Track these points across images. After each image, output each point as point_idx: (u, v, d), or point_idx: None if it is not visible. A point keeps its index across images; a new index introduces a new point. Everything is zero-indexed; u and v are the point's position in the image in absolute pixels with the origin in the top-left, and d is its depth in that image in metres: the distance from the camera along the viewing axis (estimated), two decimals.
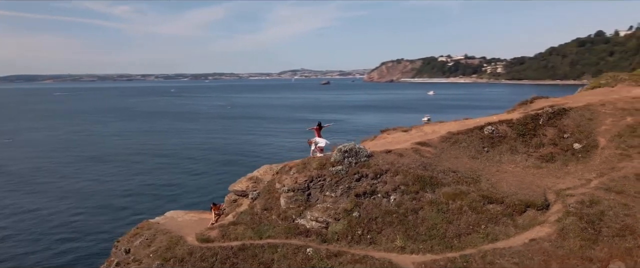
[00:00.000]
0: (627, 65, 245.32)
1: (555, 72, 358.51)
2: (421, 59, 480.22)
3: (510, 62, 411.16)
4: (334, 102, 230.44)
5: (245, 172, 71.84)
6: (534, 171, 18.64)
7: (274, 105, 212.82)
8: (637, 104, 21.01)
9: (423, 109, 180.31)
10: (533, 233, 15.17)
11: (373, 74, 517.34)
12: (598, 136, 19.61)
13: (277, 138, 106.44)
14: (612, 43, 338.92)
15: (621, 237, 14.25)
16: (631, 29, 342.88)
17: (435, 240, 16.18)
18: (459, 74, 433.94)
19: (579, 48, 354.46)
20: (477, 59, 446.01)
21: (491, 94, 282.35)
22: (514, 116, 22.06)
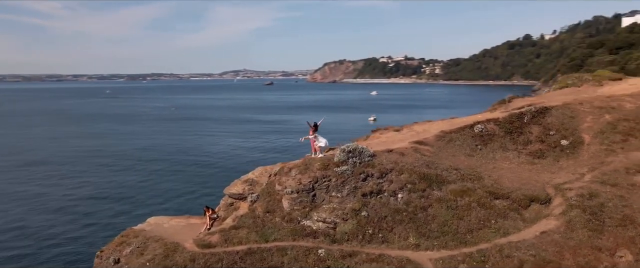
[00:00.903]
0: (552, 67, 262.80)
1: (489, 72, 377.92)
2: (363, 60, 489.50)
3: (447, 63, 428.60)
4: (280, 103, 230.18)
5: (209, 175, 70.94)
6: (529, 167, 19.63)
7: (219, 107, 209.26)
8: (613, 103, 22.68)
9: (368, 109, 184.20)
10: (542, 226, 15.97)
11: (316, 74, 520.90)
12: (582, 133, 20.99)
13: (231, 139, 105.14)
14: (539, 46, 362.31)
15: (623, 227, 15.32)
16: (555, 33, 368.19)
17: (448, 236, 16.62)
18: (400, 74, 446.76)
19: (510, 50, 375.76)
20: (416, 60, 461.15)
21: (431, 93, 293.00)
22: (500, 115, 23.07)
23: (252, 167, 75.42)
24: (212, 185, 59.97)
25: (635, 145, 19.80)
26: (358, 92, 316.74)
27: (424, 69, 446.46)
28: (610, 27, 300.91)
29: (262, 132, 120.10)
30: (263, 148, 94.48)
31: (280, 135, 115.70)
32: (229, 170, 70.49)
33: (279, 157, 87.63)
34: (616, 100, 22.93)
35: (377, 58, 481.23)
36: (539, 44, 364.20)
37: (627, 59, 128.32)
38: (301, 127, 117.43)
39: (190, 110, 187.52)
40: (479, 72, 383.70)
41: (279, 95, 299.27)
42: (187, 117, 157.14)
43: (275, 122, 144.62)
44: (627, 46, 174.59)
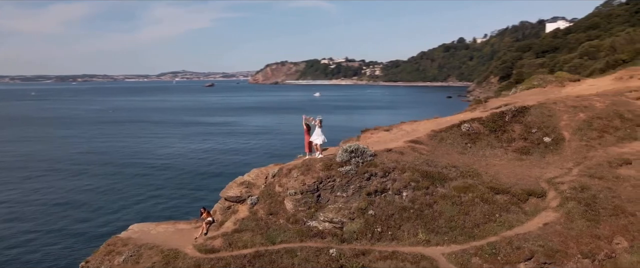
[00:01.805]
0: (485, 69, 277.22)
1: (426, 74, 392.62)
2: (305, 62, 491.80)
3: (386, 65, 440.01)
4: (224, 104, 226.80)
5: (170, 178, 68.78)
6: (518, 163, 20.77)
7: (161, 109, 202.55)
8: (584, 102, 24.45)
9: (313, 110, 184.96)
10: (543, 219, 16.99)
11: (258, 75, 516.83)
12: (562, 130, 22.49)
13: (182, 141, 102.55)
14: (472, 49, 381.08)
15: (616, 216, 16.63)
16: (486, 36, 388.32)
17: (456, 231, 17.25)
18: (341, 76, 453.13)
19: (445, 53, 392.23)
20: (357, 61, 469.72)
21: (373, 94, 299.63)
22: (482, 114, 24.20)
23: (212, 169, 75.29)
24: (179, 188, 58.79)
25: (611, 141, 21.53)
26: (301, 93, 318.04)
27: (365, 70, 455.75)
28: (535, 31, 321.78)
29: (211, 134, 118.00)
30: (217, 150, 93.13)
31: (231, 137, 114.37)
32: (189, 173, 69.14)
33: (236, 158, 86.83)
34: (586, 99, 24.78)
35: (319, 60, 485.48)
36: (471, 47, 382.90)
37: (555, 62, 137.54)
38: (249, 128, 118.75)
39: (131, 113, 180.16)
40: (417, 74, 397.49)
41: (221, 96, 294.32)
42: (128, 120, 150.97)
43: (222, 124, 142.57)
44: (552, 50, 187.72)
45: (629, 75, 29.33)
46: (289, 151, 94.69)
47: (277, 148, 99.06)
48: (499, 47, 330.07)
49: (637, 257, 15.62)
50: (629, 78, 28.78)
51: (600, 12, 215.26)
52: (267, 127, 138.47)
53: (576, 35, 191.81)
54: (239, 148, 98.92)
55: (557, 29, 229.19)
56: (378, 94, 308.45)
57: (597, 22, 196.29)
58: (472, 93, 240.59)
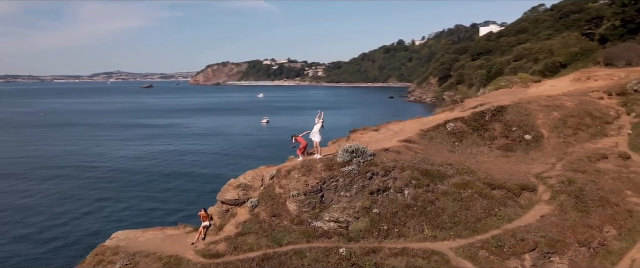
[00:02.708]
0: (424, 71, 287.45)
1: (367, 75, 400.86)
2: (247, 62, 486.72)
3: (329, 66, 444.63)
4: (165, 106, 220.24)
5: (128, 182, 66.24)
6: (505, 160, 21.94)
7: (97, 111, 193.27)
8: (556, 102, 26.19)
9: (258, 111, 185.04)
10: (538, 211, 18.11)
11: (198, 76, 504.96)
12: (540, 128, 23.98)
13: (126, 145, 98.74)
14: (411, 50, 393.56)
15: (603, 207, 18.05)
16: (423, 39, 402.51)
17: (460, 226, 17.98)
18: (284, 77, 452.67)
19: (385, 54, 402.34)
20: (299, 62, 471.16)
21: (316, 95, 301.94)
22: (463, 114, 25.31)
23: (167, 171, 73.18)
24: (140, 193, 57.04)
25: (584, 137, 23.28)
26: (244, 94, 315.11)
27: (307, 71, 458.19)
28: (469, 34, 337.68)
29: (156, 137, 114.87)
30: (168, 153, 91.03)
31: (177, 139, 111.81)
32: (142, 176, 67.29)
33: (187, 159, 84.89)
34: (557, 99, 26.59)
35: (261, 60, 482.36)
36: (410, 49, 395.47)
37: (492, 64, 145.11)
38: (196, 130, 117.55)
39: (64, 116, 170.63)
40: (359, 75, 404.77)
41: (161, 98, 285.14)
42: (63, 123, 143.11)
43: (168, 126, 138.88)
44: (486, 52, 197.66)
45: (585, 76, 31.78)
46: (242, 152, 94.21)
47: (230, 149, 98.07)
48: (436, 49, 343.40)
49: (625, 243, 17.06)
50: (586, 79, 31.20)
51: (528, 17, 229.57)
52: (215, 128, 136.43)
53: (508, 38, 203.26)
54: (188, 149, 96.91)
55: (490, 33, 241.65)
56: (322, 94, 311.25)
57: (526, 26, 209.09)
58: (412, 93, 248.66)
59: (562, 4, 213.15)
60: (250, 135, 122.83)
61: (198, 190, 62.96)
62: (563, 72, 38.37)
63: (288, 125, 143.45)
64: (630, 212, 17.92)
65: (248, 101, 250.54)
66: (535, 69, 75.91)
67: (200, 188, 63.40)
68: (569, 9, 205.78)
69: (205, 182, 67.18)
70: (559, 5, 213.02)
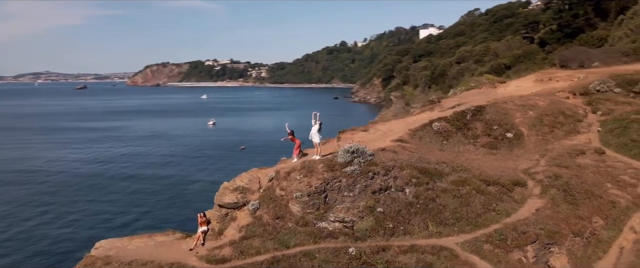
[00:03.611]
0: (367, 72, 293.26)
1: (311, 76, 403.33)
2: (188, 63, 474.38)
3: (272, 66, 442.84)
4: (104, 108, 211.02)
5: (73, 187, 63.42)
6: (492, 157, 22.94)
7: (30, 115, 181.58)
8: (529, 101, 27.68)
9: (203, 113, 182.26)
10: (532, 205, 19.13)
11: (136, 77, 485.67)
12: (519, 126, 25.26)
13: (67, 150, 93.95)
14: (353, 52, 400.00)
15: (589, 199, 19.35)
16: (366, 40, 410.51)
17: (462, 222, 18.64)
18: (227, 77, 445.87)
19: (329, 55, 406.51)
20: (242, 63, 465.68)
21: (261, 96, 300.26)
22: (446, 113, 26.20)
23: (120, 176, 71.08)
24: (96, 198, 54.85)
25: (560, 134, 24.81)
26: (187, 95, 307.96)
27: (250, 72, 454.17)
28: (409, 36, 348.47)
29: (98, 140, 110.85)
30: (114, 156, 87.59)
31: (122, 142, 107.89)
32: (99, 180, 64.87)
33: (137, 163, 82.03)
34: (530, 99, 28.13)
35: (203, 61, 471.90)
36: (353, 50, 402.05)
37: (436, 65, 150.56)
38: (140, 133, 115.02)
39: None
40: (303, 76, 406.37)
41: (98, 100, 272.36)
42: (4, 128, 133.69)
43: (108, 129, 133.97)
44: (427, 54, 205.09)
45: (547, 77, 33.86)
46: (193, 154, 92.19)
47: (180, 152, 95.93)
48: (379, 51, 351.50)
49: (613, 232, 18.41)
50: (548, 80, 33.25)
51: (465, 21, 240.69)
52: (161, 131, 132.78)
53: (447, 41, 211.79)
54: (139, 153, 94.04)
55: (430, 35, 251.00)
56: (266, 95, 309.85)
57: (463, 29, 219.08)
58: (356, 94, 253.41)
59: (496, 8, 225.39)
60: (198, 137, 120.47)
61: (157, 194, 61.17)
62: (523, 73, 40.67)
63: (235, 126, 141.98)
64: (613, 203, 19.36)
65: (192, 103, 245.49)
66: (482, 71, 79.80)
67: (160, 192, 61.79)
68: (502, 13, 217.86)
69: (163, 186, 65.51)
70: (493, 10, 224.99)
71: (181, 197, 60.26)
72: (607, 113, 25.78)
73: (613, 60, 36.25)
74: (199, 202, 58.11)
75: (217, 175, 73.04)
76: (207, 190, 64.13)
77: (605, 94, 27.59)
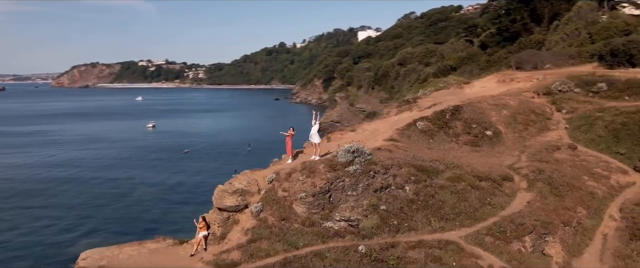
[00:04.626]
0: (307, 73, 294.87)
1: (250, 77, 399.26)
2: (120, 63, 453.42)
3: (210, 67, 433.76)
4: (29, 111, 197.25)
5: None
6: (477, 154, 24.04)
7: None
8: (502, 101, 29.24)
9: (141, 115, 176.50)
10: (523, 198, 20.33)
11: (62, 78, 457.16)
12: (496, 125, 26.65)
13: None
14: (292, 53, 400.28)
15: (571, 191, 20.86)
16: (304, 42, 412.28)
17: (461, 216, 19.45)
18: (162, 79, 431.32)
19: (267, 56, 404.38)
20: (178, 64, 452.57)
21: (199, 98, 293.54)
22: (427, 113, 27.15)
23: (61, 182, 67.27)
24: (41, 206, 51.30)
25: (534, 132, 26.47)
26: (120, 97, 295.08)
27: (187, 73, 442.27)
28: (347, 38, 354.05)
29: (27, 146, 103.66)
30: (50, 163, 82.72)
31: (55, 147, 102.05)
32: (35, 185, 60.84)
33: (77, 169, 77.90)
34: (501, 99, 29.73)
35: (136, 61, 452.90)
36: (292, 51, 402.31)
37: (379, 67, 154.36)
38: (74, 137, 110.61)
39: None
40: (242, 77, 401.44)
41: (22, 102, 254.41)
42: None
43: (37, 133, 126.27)
44: (366, 55, 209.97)
45: (509, 78, 35.95)
46: (136, 157, 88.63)
47: (122, 156, 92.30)
48: (318, 52, 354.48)
49: (595, 221, 19.99)
50: (510, 81, 35.32)
51: (402, 24, 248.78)
52: (97, 134, 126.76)
53: (385, 42, 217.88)
54: (77, 158, 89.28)
55: (369, 37, 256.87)
56: (205, 96, 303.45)
57: (400, 32, 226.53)
58: (297, 95, 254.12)
59: (431, 12, 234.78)
60: (138, 141, 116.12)
61: (107, 201, 58.53)
62: (483, 74, 42.88)
63: (176, 129, 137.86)
64: (592, 194, 21.01)
65: (127, 105, 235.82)
66: (429, 72, 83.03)
67: (110, 199, 59.18)
68: (437, 17, 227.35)
69: (111, 192, 62.79)
70: (428, 14, 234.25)
71: (134, 202, 58.01)
72: (571, 111, 27.90)
73: (561, 62, 39.16)
74: (154, 208, 56.18)
75: (166, 180, 70.82)
76: (158, 195, 62.07)
77: (566, 94, 29.83)
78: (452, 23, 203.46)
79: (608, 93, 28.42)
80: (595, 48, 40.73)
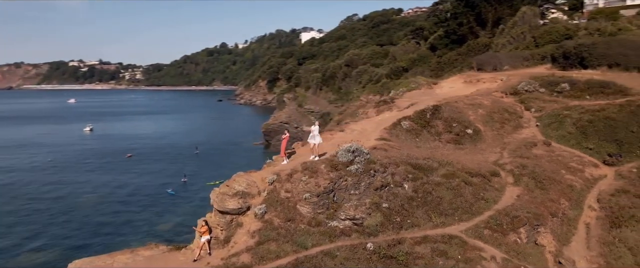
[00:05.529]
0: (251, 74, 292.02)
1: (191, 78, 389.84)
2: (48, 64, 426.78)
3: (148, 68, 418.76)
4: None
5: None
6: (462, 152, 24.99)
7: None
8: (476, 101, 30.51)
9: (75, 119, 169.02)
10: (512, 192, 21.43)
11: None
12: (475, 123, 27.80)
13: None
14: (234, 54, 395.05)
15: (553, 184, 22.23)
16: (246, 42, 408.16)
17: (458, 211, 20.21)
18: (96, 80, 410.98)
19: (209, 57, 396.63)
20: (113, 64, 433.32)
21: (138, 100, 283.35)
22: (409, 113, 27.89)
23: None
24: None
25: (509, 129, 27.90)
26: (50, 100, 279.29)
27: (123, 74, 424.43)
28: (290, 39, 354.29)
29: None
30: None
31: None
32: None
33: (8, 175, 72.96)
34: (475, 99, 31.03)
35: (66, 61, 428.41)
36: (234, 52, 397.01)
37: (327, 68, 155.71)
38: (3, 142, 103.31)
39: None
40: (182, 78, 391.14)
41: None
42: None
43: None
44: (311, 56, 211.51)
45: (475, 79, 37.59)
46: (73, 164, 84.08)
47: (59, 163, 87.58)
48: (260, 53, 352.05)
49: (577, 211, 21.45)
50: (477, 82, 36.95)
51: (345, 26, 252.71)
52: (29, 139, 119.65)
53: (329, 44, 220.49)
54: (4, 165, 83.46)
55: (313, 38, 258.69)
56: (144, 98, 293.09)
57: (344, 33, 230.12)
58: (241, 96, 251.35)
59: (373, 14, 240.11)
60: (76, 145, 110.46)
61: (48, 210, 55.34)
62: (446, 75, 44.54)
63: (116, 132, 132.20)
64: (571, 186, 22.51)
65: (58, 107, 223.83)
66: (382, 73, 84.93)
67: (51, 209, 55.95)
68: (379, 19, 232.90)
69: (52, 201, 59.40)
70: (371, 16, 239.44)
71: (82, 212, 55.12)
72: (539, 110, 29.70)
73: (517, 63, 41.53)
74: (106, 216, 53.64)
75: (113, 186, 67.84)
76: (107, 202, 59.28)
77: (533, 94, 31.71)
78: (394, 25, 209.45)
79: (571, 93, 30.58)
80: (545, 50, 43.52)
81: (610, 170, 23.84)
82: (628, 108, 26.14)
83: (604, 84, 29.78)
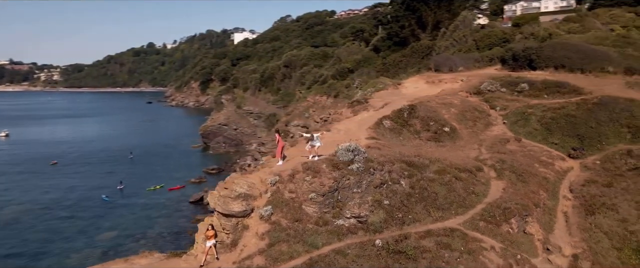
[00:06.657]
0: (181, 75, 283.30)
1: (116, 79, 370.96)
2: None
3: (66, 69, 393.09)
4: None
5: None
6: (444, 149, 26.01)
7: None
8: (446, 100, 31.78)
9: None
10: (497, 186, 22.70)
11: None
12: (450, 122, 29.00)
13: None
14: (163, 54, 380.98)
15: (530, 177, 23.84)
16: (175, 43, 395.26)
17: (453, 205, 21.10)
18: (6, 81, 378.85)
19: (135, 57, 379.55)
20: (26, 64, 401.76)
21: (57, 102, 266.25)
22: (388, 112, 28.59)
23: None
24: None
25: (481, 127, 29.40)
26: None
27: (38, 74, 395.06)
28: (221, 40, 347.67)
29: None
30: None
31: None
32: None
33: None
34: (445, 98, 32.32)
35: None
36: (162, 53, 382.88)
37: (265, 69, 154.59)
38: None
39: None
40: (105, 79, 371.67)
41: None
42: None
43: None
44: (245, 57, 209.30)
45: (437, 79, 39.14)
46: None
47: None
48: (190, 53, 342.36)
49: (554, 201, 23.14)
50: (439, 82, 38.51)
51: (279, 27, 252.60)
52: None
53: (263, 45, 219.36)
54: None
55: (247, 39, 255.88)
56: (63, 101, 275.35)
57: (278, 34, 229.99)
58: (172, 98, 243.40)
59: (306, 16, 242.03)
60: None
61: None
62: (405, 75, 45.90)
63: (36, 138, 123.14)
64: (546, 178, 24.24)
65: None
66: (327, 74, 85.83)
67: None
68: (313, 21, 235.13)
69: None
70: (304, 17, 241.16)
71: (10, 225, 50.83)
72: (504, 108, 31.60)
73: (470, 65, 43.85)
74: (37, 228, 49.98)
75: (40, 195, 63.01)
76: (37, 213, 55.02)
77: (495, 93, 33.64)
78: (328, 27, 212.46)
79: (530, 92, 32.82)
80: (493, 53, 46.34)
81: (576, 163, 25.92)
82: (584, 106, 28.57)
83: (559, 84, 32.29)
